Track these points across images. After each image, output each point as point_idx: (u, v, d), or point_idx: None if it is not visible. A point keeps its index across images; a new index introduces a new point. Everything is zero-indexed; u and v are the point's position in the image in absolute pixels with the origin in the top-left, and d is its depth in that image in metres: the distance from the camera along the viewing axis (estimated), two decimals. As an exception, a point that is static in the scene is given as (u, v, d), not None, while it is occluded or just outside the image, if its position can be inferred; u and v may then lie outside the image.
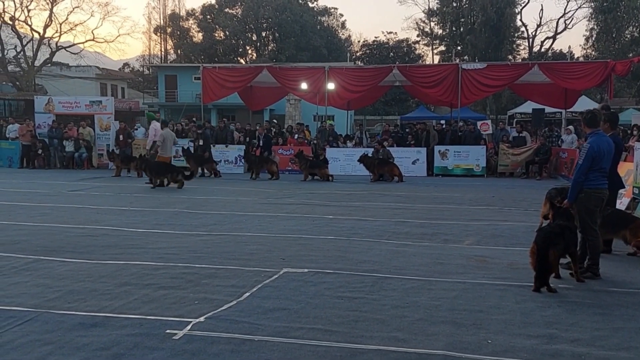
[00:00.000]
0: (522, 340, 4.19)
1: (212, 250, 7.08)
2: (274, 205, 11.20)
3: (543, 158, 17.28)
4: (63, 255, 6.71)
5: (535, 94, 21.34)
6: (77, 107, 21.06)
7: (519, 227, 8.81)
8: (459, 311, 4.82)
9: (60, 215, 9.76)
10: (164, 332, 4.27)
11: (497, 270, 6.21)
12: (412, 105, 46.88)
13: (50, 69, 43.65)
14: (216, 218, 9.59)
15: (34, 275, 5.84)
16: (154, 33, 64.92)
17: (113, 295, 5.18)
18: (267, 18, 56.39)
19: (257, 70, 20.76)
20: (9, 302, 4.96)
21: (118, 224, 8.90)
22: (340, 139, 20.72)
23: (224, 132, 20.01)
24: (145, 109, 44.76)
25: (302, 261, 6.49)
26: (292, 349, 3.99)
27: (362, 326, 4.45)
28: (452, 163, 18.01)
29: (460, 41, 52.64)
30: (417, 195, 12.94)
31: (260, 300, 5.05)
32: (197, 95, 31.00)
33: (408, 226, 8.92)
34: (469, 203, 11.67)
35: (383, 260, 6.62)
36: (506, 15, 47.35)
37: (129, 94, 54.64)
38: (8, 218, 9.32)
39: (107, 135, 20.05)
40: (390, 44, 60.30)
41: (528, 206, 10.84)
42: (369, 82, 19.92)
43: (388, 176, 16.43)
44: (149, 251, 6.97)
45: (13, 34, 40.96)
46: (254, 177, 16.77)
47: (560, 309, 4.93)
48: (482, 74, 18.62)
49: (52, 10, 41.20)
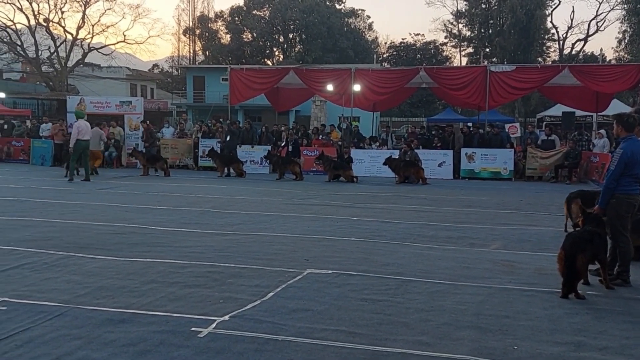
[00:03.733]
0: (549, 347, 4.12)
1: (237, 249, 7.13)
2: (298, 206, 11.23)
3: (573, 162, 16.97)
4: (92, 252, 6.84)
5: (565, 97, 20.96)
6: (107, 107, 21.47)
7: (546, 232, 8.67)
8: (485, 316, 4.77)
9: (90, 212, 9.95)
10: (189, 329, 4.32)
11: (524, 275, 6.13)
12: (439, 107, 46.52)
13: (82, 70, 44.59)
14: (241, 218, 9.66)
15: (64, 272, 5.96)
16: (183, 35, 65.89)
17: (140, 292, 5.26)
18: (294, 20, 56.63)
19: (283, 71, 20.85)
20: (40, 297, 5.08)
21: (145, 222, 9.03)
22: (365, 140, 20.69)
23: (250, 133, 20.16)
24: (173, 109, 45.45)
25: (326, 262, 6.49)
26: (315, 350, 3.99)
27: (386, 329, 4.43)
28: (479, 166, 17.82)
29: (489, 43, 52.05)
30: (443, 198, 12.83)
31: (284, 301, 5.07)
32: (225, 96, 31.28)
33: (433, 229, 8.85)
34: (496, 207, 11.53)
35: (408, 263, 6.59)
36: (536, 17, 46.62)
37: (158, 94, 55.43)
38: (40, 215, 9.53)
39: (136, 135, 20.38)
40: (418, 46, 59.94)
41: (557, 211, 10.64)
42: (395, 83, 19.84)
43: (414, 178, 16.34)
44: (175, 249, 7.06)
45: (47, 35, 41.97)
46: (280, 177, 16.87)
47: (589, 316, 4.83)
48: (510, 77, 18.37)
49: (84, 12, 42.11)
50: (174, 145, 20.36)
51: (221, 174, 17.46)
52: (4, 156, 22.22)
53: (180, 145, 20.38)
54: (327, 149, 18.40)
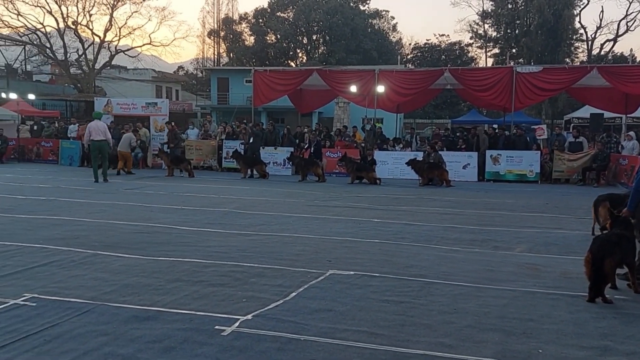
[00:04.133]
0: (575, 351, 4.06)
1: (260, 249, 7.18)
2: (320, 208, 11.25)
3: (601, 165, 16.66)
4: (119, 250, 6.96)
5: (593, 98, 20.60)
6: (133, 108, 21.78)
7: (573, 235, 8.54)
8: (509, 319, 4.72)
9: (116, 212, 10.11)
10: (213, 328, 4.37)
11: (549, 278, 6.04)
12: (464, 109, 46.13)
13: (109, 72, 45.36)
14: (264, 219, 9.72)
15: (91, 269, 6.08)
16: (207, 37, 66.56)
17: (165, 290, 5.34)
18: (318, 21, 56.74)
19: (307, 73, 20.90)
20: (68, 293, 5.18)
21: (170, 222, 9.15)
22: (388, 142, 20.63)
23: (273, 135, 20.25)
24: (198, 111, 45.91)
25: (349, 264, 6.50)
26: (337, 350, 4.00)
27: (408, 330, 4.42)
28: (504, 168, 17.61)
29: (515, 44, 51.43)
30: (467, 201, 12.72)
31: (306, 301, 5.09)
32: (248, 97, 31.52)
33: (457, 232, 8.78)
34: (521, 210, 11.39)
35: (431, 265, 6.55)
36: (564, 17, 45.91)
37: (183, 96, 56.10)
38: (69, 214, 9.73)
39: (161, 136, 20.64)
40: (442, 47, 59.54)
41: (584, 214, 10.46)
42: (420, 85, 19.73)
43: (438, 180, 16.22)
44: (199, 249, 7.14)
45: (75, 37, 42.77)
46: (302, 179, 16.92)
47: (616, 321, 4.75)
48: (537, 77, 18.12)
49: (112, 15, 42.80)
50: (198, 146, 20.57)
51: (244, 175, 17.58)
52: (33, 156, 22.72)
53: (204, 147, 20.58)
54: (350, 151, 18.39)
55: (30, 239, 7.48)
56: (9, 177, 16.00)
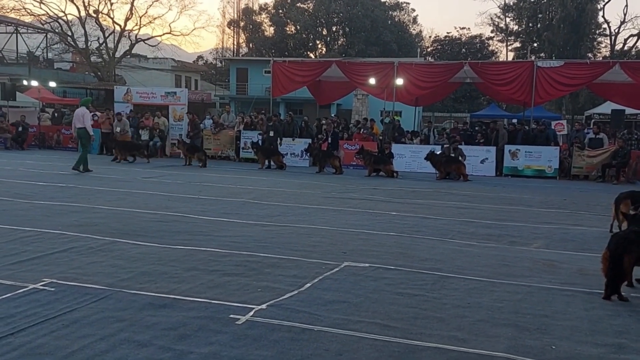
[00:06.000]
0: (589, 348, 4.04)
1: (275, 240, 7.22)
2: (337, 200, 11.27)
3: (621, 161, 16.43)
4: (136, 238, 7.04)
5: (615, 94, 20.27)
6: (153, 97, 21.96)
7: (591, 232, 8.45)
8: (523, 314, 4.70)
9: (134, 200, 10.23)
10: (228, 316, 4.41)
11: (565, 275, 6.00)
12: (483, 103, 45.72)
13: (129, 61, 45.67)
14: (281, 209, 9.76)
15: (108, 256, 6.17)
16: (227, 27, 66.58)
17: (181, 278, 5.40)
18: (338, 12, 56.52)
19: (326, 64, 20.87)
20: (86, 279, 5.27)
21: (187, 211, 9.23)
22: (406, 135, 20.53)
23: (291, 126, 20.28)
24: (217, 101, 46.09)
25: (364, 256, 6.51)
26: (350, 341, 4.03)
27: (422, 323, 4.43)
28: (522, 163, 17.46)
29: (537, 38, 50.77)
30: (485, 195, 12.64)
31: (320, 292, 5.12)
32: (267, 88, 31.53)
33: (474, 226, 8.75)
34: (539, 205, 11.29)
35: (446, 259, 6.54)
36: (587, 11, 45.18)
37: (202, 85, 56.31)
38: (87, 201, 9.87)
39: (180, 126, 20.80)
40: (463, 40, 58.99)
41: (602, 211, 10.35)
42: (439, 78, 19.60)
43: (455, 175, 16.14)
44: (215, 238, 7.21)
45: (96, 26, 43.16)
46: (320, 170, 16.95)
47: (632, 319, 4.70)
48: (558, 72, 17.89)
49: (133, 3, 43.07)
50: (216, 136, 20.68)
51: (262, 166, 17.66)
52: (54, 144, 23.04)
53: (222, 137, 20.69)
54: (367, 144, 18.36)
55: (49, 225, 7.60)
56: (29, 164, 16.27)
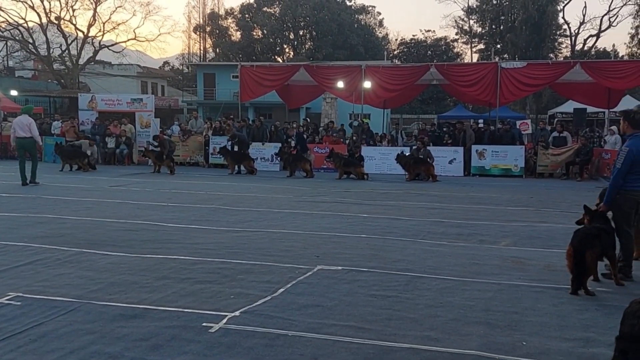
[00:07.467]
0: (558, 343, 4.13)
1: (247, 246, 7.19)
2: (308, 203, 11.27)
3: (584, 159, 16.86)
4: (105, 248, 6.92)
5: (577, 93, 20.83)
6: (119, 104, 21.61)
7: (557, 229, 8.64)
8: (494, 312, 4.78)
9: (102, 209, 10.05)
10: (201, 325, 4.37)
11: (533, 272, 6.13)
12: (450, 104, 46.37)
13: (94, 67, 44.90)
14: (252, 215, 9.71)
15: (77, 267, 6.04)
16: (193, 32, 66.11)
17: (152, 288, 5.33)
18: (304, 16, 56.65)
19: (294, 68, 20.88)
20: (53, 292, 5.15)
21: (157, 219, 9.11)
22: (376, 137, 20.66)
23: (260, 131, 20.21)
24: (184, 107, 45.63)
25: (336, 259, 6.53)
26: (325, 345, 4.03)
27: (395, 324, 4.46)
28: (489, 163, 17.76)
29: (500, 39, 51.73)
30: (454, 195, 12.81)
31: (294, 297, 5.11)
32: (235, 93, 31.40)
33: (444, 226, 8.86)
34: (506, 204, 11.50)
35: (417, 259, 6.61)
36: (548, 12, 46.32)
37: (169, 92, 55.71)
38: (53, 212, 9.65)
39: (147, 133, 20.51)
40: (428, 42, 59.77)
41: (567, 208, 10.62)
42: (406, 80, 19.79)
43: (424, 175, 16.32)
44: (186, 246, 7.13)
45: (58, 33, 42.25)
46: (290, 174, 16.93)
47: (598, 313, 4.83)
48: (521, 73, 18.27)
49: (95, 9, 42.35)
50: (185, 143, 20.47)
51: (232, 172, 17.55)
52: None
53: (191, 143, 20.48)
54: (337, 147, 18.41)
55: (14, 238, 7.41)
56: (-8, 175, 15.82)
